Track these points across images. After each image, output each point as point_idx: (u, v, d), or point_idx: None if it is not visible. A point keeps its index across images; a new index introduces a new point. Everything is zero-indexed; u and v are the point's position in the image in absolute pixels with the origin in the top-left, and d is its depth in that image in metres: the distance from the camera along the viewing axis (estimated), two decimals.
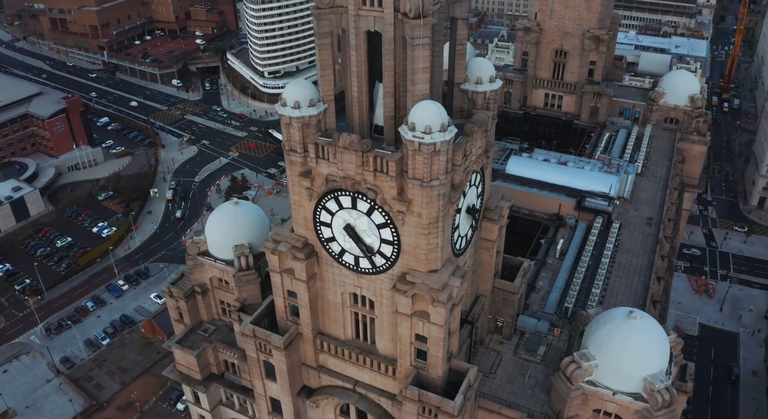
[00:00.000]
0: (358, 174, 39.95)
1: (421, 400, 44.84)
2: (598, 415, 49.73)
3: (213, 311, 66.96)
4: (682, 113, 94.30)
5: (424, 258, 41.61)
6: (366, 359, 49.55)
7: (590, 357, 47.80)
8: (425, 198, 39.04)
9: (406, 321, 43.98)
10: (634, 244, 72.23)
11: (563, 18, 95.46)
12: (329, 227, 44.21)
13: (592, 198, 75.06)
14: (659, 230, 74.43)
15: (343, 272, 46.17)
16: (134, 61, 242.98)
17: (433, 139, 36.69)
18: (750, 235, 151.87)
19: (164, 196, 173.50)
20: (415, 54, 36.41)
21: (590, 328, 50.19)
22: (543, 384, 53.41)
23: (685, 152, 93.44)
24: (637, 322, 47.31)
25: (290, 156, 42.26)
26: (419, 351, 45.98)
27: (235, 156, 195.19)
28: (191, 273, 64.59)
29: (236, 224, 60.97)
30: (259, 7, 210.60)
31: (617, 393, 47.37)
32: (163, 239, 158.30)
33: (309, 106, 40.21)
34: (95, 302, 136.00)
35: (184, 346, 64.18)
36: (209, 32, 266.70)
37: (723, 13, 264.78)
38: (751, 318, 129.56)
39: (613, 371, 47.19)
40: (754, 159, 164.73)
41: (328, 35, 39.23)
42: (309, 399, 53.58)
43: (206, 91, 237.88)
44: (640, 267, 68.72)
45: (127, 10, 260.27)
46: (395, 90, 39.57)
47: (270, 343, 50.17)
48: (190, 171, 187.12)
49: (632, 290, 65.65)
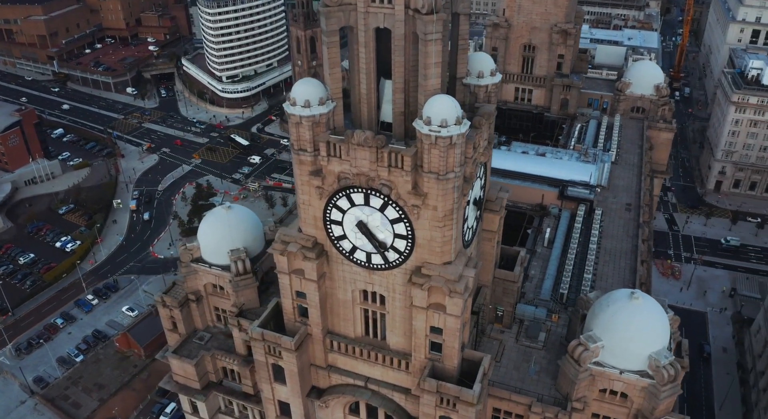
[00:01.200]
0: (372, 170, 40.20)
1: (440, 391, 45.43)
2: (604, 395, 51.25)
3: (207, 319, 66.08)
4: (648, 102, 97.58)
5: (438, 251, 42.16)
6: (378, 355, 49.85)
7: (596, 338, 49.19)
8: (441, 191, 39.59)
9: (422, 314, 44.47)
10: (617, 230, 74.46)
11: (531, 13, 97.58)
12: (340, 225, 44.30)
13: (573, 187, 77.02)
14: (639, 215, 76.97)
15: (354, 270, 46.33)
16: (86, 71, 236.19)
17: (449, 132, 37.27)
18: (709, 218, 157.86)
19: (128, 206, 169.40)
20: (429, 49, 36.90)
21: (593, 311, 51.65)
22: (548, 369, 54.65)
23: (653, 139, 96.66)
24: (639, 302, 48.99)
25: (300, 155, 42.17)
26: (433, 344, 46.56)
27: (197, 163, 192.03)
28: (184, 281, 63.63)
29: (230, 229, 60.40)
30: (215, 11, 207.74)
31: (624, 371, 48.92)
32: (131, 250, 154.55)
33: (319, 104, 40.20)
34: (65, 318, 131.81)
35: (182, 356, 63.21)
36: (162, 38, 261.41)
37: (669, 5, 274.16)
38: (717, 297, 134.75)
39: (619, 350, 48.67)
40: (709, 145, 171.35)
41: (336, 33, 39.31)
42: (319, 400, 53.49)
43: (162, 98, 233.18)
44: (625, 251, 70.90)
45: (76, 19, 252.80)
46: (406, 86, 39.93)
47: (280, 345, 49.92)
48: (152, 180, 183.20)
49: (620, 273, 67.70)
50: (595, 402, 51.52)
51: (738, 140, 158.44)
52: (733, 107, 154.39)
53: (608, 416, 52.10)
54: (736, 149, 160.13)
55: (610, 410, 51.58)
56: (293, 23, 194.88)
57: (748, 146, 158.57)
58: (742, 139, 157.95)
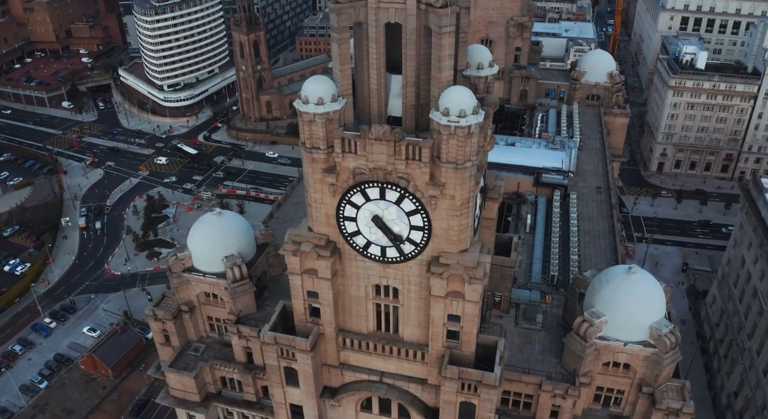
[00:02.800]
0: (390, 164, 40.65)
1: (461, 377, 46.31)
2: (607, 368, 53.40)
3: (200, 329, 64.77)
4: (603, 89, 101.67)
5: (455, 239, 43.03)
6: (392, 348, 50.26)
7: (599, 314, 51.19)
8: (458, 180, 40.46)
9: (440, 303, 45.24)
10: (592, 211, 77.42)
11: (487, 8, 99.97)
12: (354, 221, 44.52)
13: (547, 174, 79.53)
14: (610, 196, 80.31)
15: (368, 265, 46.61)
16: (17, 86, 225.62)
17: (468, 122, 38.18)
18: (655, 198, 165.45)
19: (77, 224, 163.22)
20: (443, 42, 37.70)
21: (592, 289, 53.71)
22: (550, 349, 56.40)
23: (610, 125, 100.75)
24: (637, 276, 51.35)
25: (312, 154, 42.15)
26: (449, 332, 47.41)
27: (145, 175, 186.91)
28: (176, 292, 62.09)
29: (223, 235, 59.40)
30: (153, 19, 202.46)
31: (628, 343, 51.14)
32: (85, 269, 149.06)
33: (331, 101, 40.34)
34: (23, 344, 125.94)
35: (179, 369, 61.77)
36: (95, 49, 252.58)
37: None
38: (670, 272, 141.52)
39: (621, 323, 50.78)
40: (649, 129, 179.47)
41: (347, 29, 39.56)
42: (333, 399, 53.47)
43: (101, 110, 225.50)
44: (603, 232, 73.85)
45: (2, 33, 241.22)
46: (417, 79, 40.61)
47: (294, 347, 49.63)
48: (99, 195, 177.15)
49: (602, 253, 70.50)
50: (600, 376, 53.63)
51: (677, 122, 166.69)
52: (671, 92, 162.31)
53: (612, 388, 54.43)
54: (675, 131, 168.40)
55: (614, 382, 53.84)
56: (235, 28, 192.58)
57: (686, 127, 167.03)
58: (680, 121, 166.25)
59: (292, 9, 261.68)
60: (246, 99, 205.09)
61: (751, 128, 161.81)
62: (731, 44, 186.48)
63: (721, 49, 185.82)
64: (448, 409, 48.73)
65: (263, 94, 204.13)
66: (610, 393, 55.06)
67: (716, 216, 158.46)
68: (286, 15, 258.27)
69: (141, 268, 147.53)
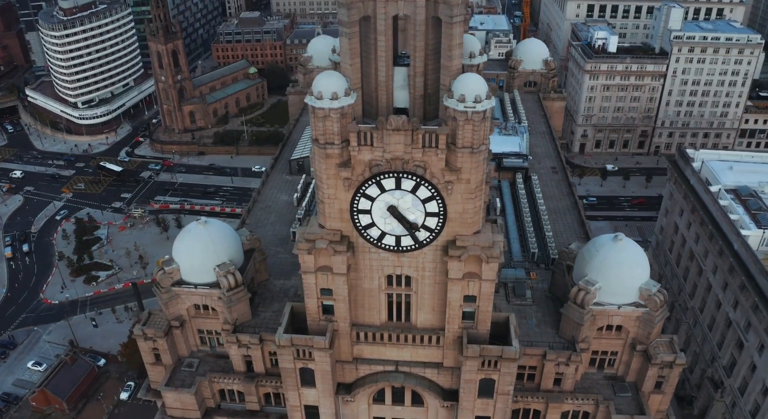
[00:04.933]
0: (407, 153, 41.68)
1: (483, 355, 48.04)
2: (601, 332, 56.81)
3: (191, 344, 63.25)
4: (539, 76, 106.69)
5: (470, 221, 44.67)
6: (406, 336, 51.30)
7: (593, 281, 54.40)
8: (474, 164, 42.11)
9: (457, 285, 46.77)
10: (553, 191, 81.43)
11: None
12: (368, 213, 45.19)
13: (508, 159, 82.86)
14: (567, 175, 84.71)
15: (382, 256, 47.43)
16: None
17: (483, 106, 39.88)
18: (582, 177, 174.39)
19: (2, 255, 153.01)
20: (453, 31, 39.13)
21: (582, 259, 56.92)
22: (545, 321, 59.25)
23: (549, 109, 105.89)
24: (623, 243, 55.03)
25: (327, 149, 42.49)
26: (464, 313, 49.05)
27: (69, 197, 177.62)
28: (166, 307, 60.26)
29: (213, 244, 58.37)
30: (62, 34, 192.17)
31: (621, 306, 54.68)
32: (18, 301, 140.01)
33: (345, 95, 40.90)
34: None
35: (177, 387, 60.09)
36: None
37: None
38: None
39: (614, 288, 54.22)
40: (568, 112, 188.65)
41: (357, 24, 40.18)
42: (349, 395, 53.81)
43: (10, 134, 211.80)
44: (566, 208, 77.97)
45: None
46: (425, 70, 41.84)
47: (312, 346, 49.66)
48: (23, 222, 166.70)
49: (571, 228, 74.49)
50: (595, 341, 57.00)
51: (595, 104, 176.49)
52: (587, 76, 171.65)
53: (606, 350, 57.94)
54: (594, 113, 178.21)
55: (608, 344, 57.39)
56: (152, 38, 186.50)
57: (603, 108, 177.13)
58: (598, 103, 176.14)
59: (203, 16, 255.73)
60: (168, 110, 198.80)
61: (663, 105, 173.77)
62: (635, 28, 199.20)
63: (626, 33, 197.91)
64: (468, 388, 50.39)
65: (186, 105, 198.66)
66: (605, 356, 58.63)
67: (639, 190, 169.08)
68: (198, 23, 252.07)
69: (80, 294, 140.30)
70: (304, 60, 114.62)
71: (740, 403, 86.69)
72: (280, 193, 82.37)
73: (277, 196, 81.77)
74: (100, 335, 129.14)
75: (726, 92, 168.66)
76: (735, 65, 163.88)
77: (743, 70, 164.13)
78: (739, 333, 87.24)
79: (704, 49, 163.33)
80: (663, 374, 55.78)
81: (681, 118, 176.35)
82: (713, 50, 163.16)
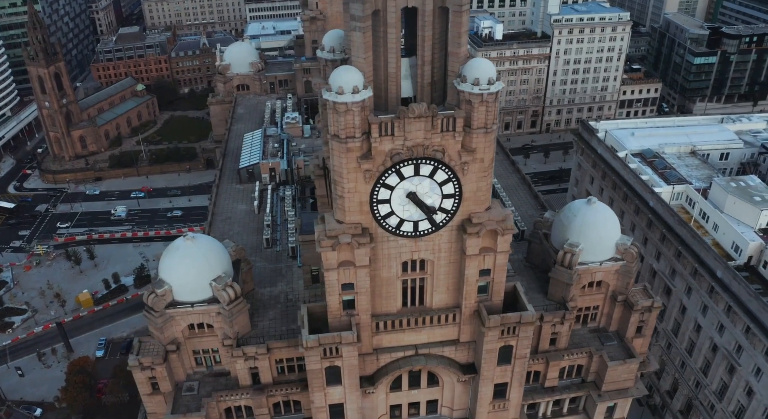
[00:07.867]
0: (427, 139, 43.47)
1: (504, 323, 50.92)
2: (584, 290, 61.67)
3: (187, 366, 61.11)
4: None
5: (483, 198, 47.33)
6: (423, 319, 53.09)
7: (576, 244, 59.02)
8: (487, 143, 44.74)
9: (474, 261, 49.24)
10: (499, 169, 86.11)
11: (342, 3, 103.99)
12: (387, 203, 46.48)
13: None
14: (507, 154, 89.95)
15: (400, 243, 48.86)
16: None
17: (495, 88, 42.54)
18: None
19: None
20: (462, 19, 41.43)
21: (559, 225, 61.44)
22: (530, 287, 63.13)
23: None
24: (596, 205, 60.19)
25: (348, 143, 43.28)
26: (479, 287, 51.68)
27: None
28: (160, 332, 57.80)
29: (205, 258, 56.93)
30: None
31: (602, 262, 59.75)
32: None
33: (364, 88, 41.98)
34: None
35: (184, 413, 57.90)
36: None
37: None
38: None
39: (595, 247, 59.12)
40: None
41: (369, 18, 41.32)
42: (372, 386, 54.71)
43: None
44: (517, 185, 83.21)
45: None
46: (432, 58, 43.83)
47: (341, 343, 50.10)
48: None
49: (526, 201, 79.66)
50: (579, 299, 61.78)
51: None
52: None
53: (589, 306, 62.97)
54: None
55: (591, 300, 62.43)
56: (30, 62, 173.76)
57: None
58: None
59: (75, 36, 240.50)
60: (55, 138, 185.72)
61: (549, 85, 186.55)
62: (511, 15, 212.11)
63: (503, 20, 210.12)
64: (489, 358, 53.10)
65: (75, 130, 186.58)
66: (588, 311, 63.64)
67: (539, 166, 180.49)
68: (70, 43, 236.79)
69: None
70: (223, 68, 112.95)
71: (690, 362, 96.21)
72: (236, 203, 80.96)
73: (234, 206, 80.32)
74: (28, 384, 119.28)
75: (604, 68, 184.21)
76: (609, 42, 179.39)
77: (617, 47, 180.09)
78: (665, 280, 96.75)
79: (582, 30, 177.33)
80: (643, 319, 61.57)
81: (567, 95, 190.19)
82: (590, 30, 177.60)
